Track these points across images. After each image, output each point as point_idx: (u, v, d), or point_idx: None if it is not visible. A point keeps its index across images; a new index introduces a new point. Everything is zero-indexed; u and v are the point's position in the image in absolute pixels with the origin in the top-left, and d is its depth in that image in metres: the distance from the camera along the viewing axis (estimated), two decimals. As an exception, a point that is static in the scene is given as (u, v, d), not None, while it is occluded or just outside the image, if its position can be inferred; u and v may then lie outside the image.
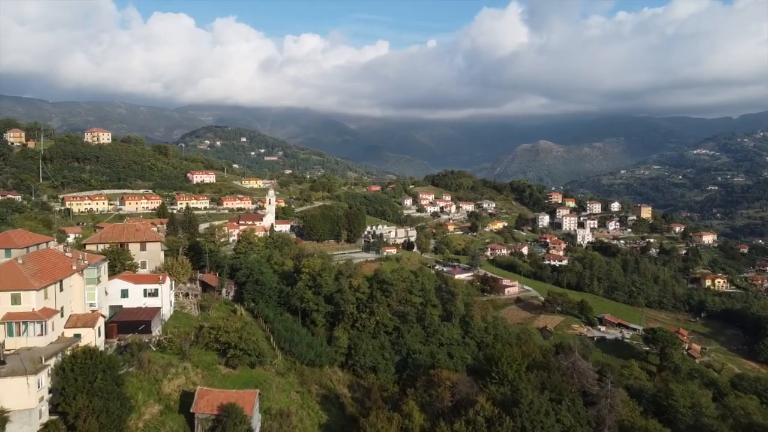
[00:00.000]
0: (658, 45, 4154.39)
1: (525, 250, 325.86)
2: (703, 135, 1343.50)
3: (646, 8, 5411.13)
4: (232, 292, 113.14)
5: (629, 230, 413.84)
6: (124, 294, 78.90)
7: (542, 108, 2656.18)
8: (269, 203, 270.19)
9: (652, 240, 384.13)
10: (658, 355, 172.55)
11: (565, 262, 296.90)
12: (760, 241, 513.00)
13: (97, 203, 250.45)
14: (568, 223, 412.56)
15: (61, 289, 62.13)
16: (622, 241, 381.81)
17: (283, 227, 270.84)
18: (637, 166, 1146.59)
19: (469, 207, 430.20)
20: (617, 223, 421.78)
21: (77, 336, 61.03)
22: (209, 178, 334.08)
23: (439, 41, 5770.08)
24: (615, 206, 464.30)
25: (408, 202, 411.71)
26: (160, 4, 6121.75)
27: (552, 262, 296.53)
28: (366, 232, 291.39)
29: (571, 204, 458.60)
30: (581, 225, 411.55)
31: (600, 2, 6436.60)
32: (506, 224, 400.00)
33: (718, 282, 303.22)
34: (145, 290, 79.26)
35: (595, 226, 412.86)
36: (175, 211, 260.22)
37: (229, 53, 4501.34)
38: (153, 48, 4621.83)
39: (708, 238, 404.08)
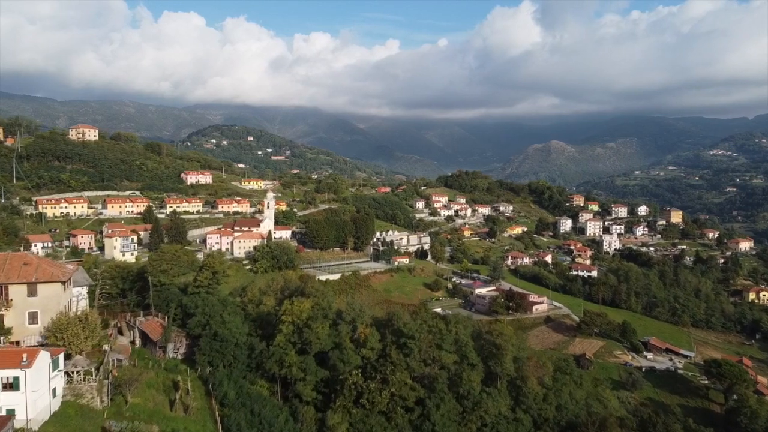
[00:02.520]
0: (672, 44, 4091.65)
1: (549, 259, 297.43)
2: (718, 135, 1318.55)
3: (660, 6, 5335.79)
4: (183, 348, 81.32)
5: (659, 236, 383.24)
6: (-40, 387, 48.48)
7: (554, 108, 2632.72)
8: (268, 207, 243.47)
9: (684, 247, 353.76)
10: (723, 392, 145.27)
11: (594, 273, 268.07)
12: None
13: (75, 206, 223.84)
14: (593, 228, 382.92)
15: None
16: (652, 248, 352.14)
17: (284, 233, 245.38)
18: (651, 167, 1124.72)
19: (485, 210, 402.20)
20: (645, 228, 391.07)
21: None
22: (205, 178, 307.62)
23: (450, 40, 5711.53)
24: (642, 210, 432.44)
25: (420, 204, 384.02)
26: (171, 3, 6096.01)
27: (580, 273, 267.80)
28: (375, 239, 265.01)
29: (595, 207, 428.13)
30: (606, 230, 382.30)
31: (614, 1, 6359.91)
32: (526, 229, 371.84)
33: (764, 295, 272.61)
34: (-4, 379, 48.85)
35: (622, 231, 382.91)
36: (164, 216, 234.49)
37: (239, 52, 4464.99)
38: (163, 47, 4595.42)
39: (745, 245, 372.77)
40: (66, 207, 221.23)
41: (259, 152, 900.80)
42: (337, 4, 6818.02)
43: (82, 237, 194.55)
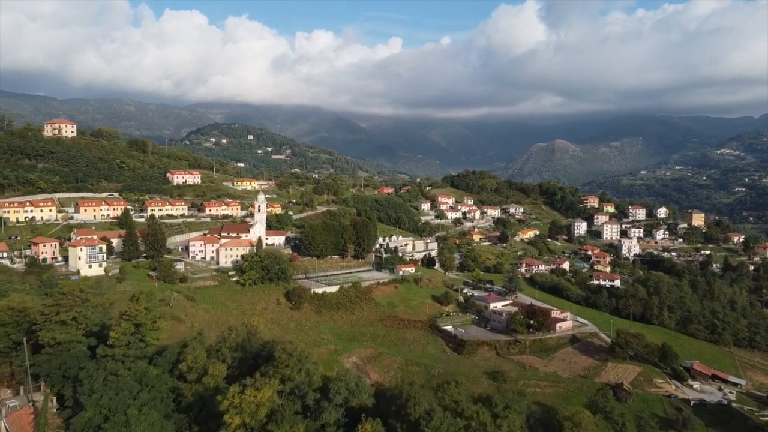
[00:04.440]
0: (678, 42, 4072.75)
1: (566, 266, 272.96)
2: (723, 135, 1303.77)
3: (666, 4, 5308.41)
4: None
5: (680, 240, 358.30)
6: None
7: (558, 107, 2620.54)
8: (259, 210, 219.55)
9: (709, 252, 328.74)
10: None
11: (617, 283, 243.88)
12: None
13: (42, 210, 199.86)
14: (609, 232, 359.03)
15: None
16: (674, 254, 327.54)
17: (277, 240, 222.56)
18: (657, 167, 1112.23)
19: (495, 212, 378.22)
20: (665, 232, 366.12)
21: None
22: (193, 178, 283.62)
23: (453, 39, 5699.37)
24: (662, 212, 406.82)
25: (426, 206, 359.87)
26: (173, 1, 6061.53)
27: (602, 282, 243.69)
28: (377, 245, 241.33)
29: (611, 209, 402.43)
30: (624, 234, 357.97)
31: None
32: (538, 232, 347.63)
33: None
34: None
35: (641, 235, 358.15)
36: (143, 220, 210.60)
37: (240, 51, 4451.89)
38: (165, 45, 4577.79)
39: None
40: (32, 211, 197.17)
41: (260, 151, 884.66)
42: (340, 2, 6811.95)
43: (44, 246, 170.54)
